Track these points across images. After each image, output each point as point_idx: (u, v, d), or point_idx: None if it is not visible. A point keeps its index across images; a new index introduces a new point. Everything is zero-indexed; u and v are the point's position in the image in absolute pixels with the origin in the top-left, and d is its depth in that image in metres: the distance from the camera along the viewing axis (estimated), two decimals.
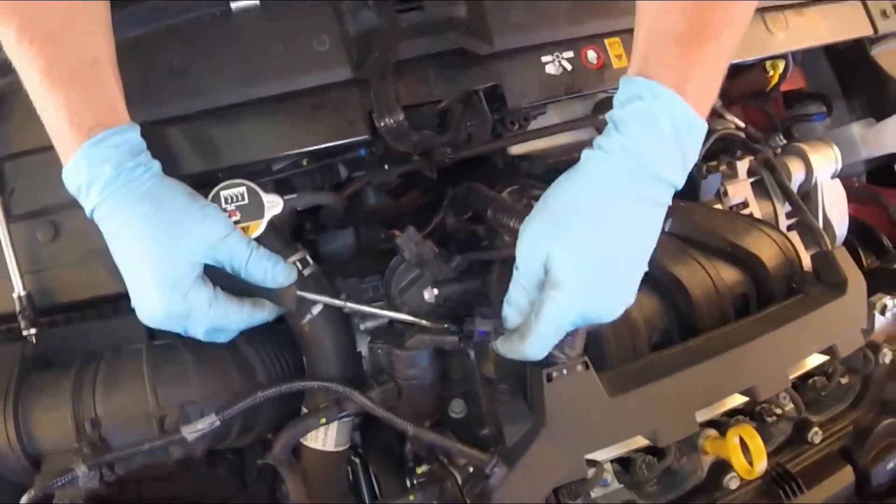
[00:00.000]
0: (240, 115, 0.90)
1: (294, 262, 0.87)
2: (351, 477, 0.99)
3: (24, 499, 0.81)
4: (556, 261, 0.74)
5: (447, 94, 0.93)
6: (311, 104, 0.90)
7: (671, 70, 0.74)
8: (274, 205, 0.86)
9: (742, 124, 1.13)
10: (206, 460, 1.00)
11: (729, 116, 1.14)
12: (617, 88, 0.77)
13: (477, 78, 0.94)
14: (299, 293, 0.85)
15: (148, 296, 0.78)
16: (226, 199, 0.86)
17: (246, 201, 0.86)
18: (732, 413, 0.95)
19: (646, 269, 0.77)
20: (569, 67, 0.96)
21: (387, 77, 0.88)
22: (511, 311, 0.81)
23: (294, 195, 0.88)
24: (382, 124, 0.86)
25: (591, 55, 0.96)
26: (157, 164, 0.80)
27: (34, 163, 0.92)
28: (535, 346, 0.78)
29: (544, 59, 0.95)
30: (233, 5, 0.90)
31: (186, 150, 0.90)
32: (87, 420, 0.87)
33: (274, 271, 0.82)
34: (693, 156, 0.76)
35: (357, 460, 0.99)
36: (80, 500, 0.82)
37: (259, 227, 0.86)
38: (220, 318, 0.81)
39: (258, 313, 0.85)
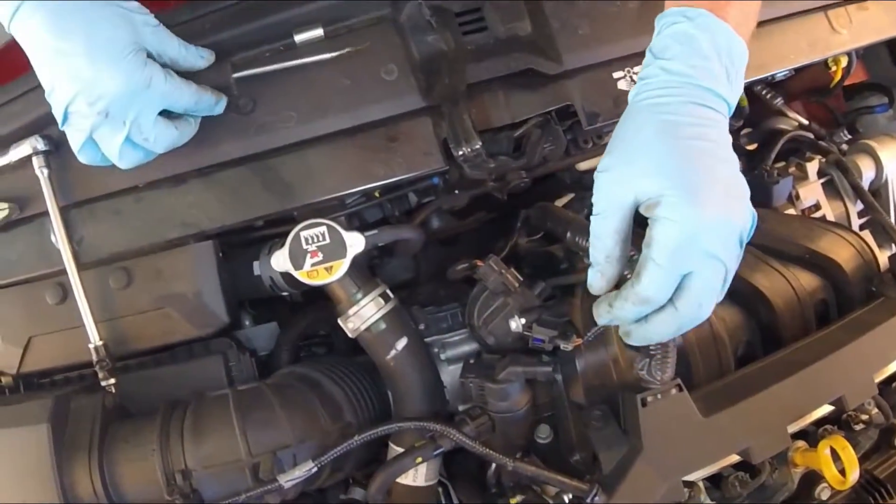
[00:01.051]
0: (311, 151, 0.90)
1: (376, 298, 0.88)
2: None
3: None
4: (641, 190, 0.70)
5: (519, 116, 0.93)
6: (385, 135, 0.90)
7: None
8: (356, 243, 0.86)
9: (805, 122, 1.14)
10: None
11: (792, 114, 1.15)
12: None
13: (549, 98, 0.94)
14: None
15: (102, 69, 0.76)
16: (306, 240, 0.86)
17: (327, 241, 0.86)
18: (820, 423, 0.96)
19: (738, 174, 0.73)
20: None
21: (459, 103, 0.88)
22: (601, 264, 0.75)
23: (374, 231, 0.89)
24: (460, 153, 0.86)
25: None
26: None
27: (100, 209, 0.92)
28: (654, 286, 0.70)
29: (615, 74, 0.95)
30: (297, 38, 0.90)
31: (258, 191, 0.90)
32: (177, 470, 0.88)
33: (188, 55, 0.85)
34: (738, 79, 0.75)
35: (440, 490, 1.01)
36: None
37: (342, 267, 0.86)
38: (175, 92, 0.82)
39: (205, 94, 0.86)
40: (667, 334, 0.75)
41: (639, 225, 0.73)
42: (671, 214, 0.68)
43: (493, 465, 0.97)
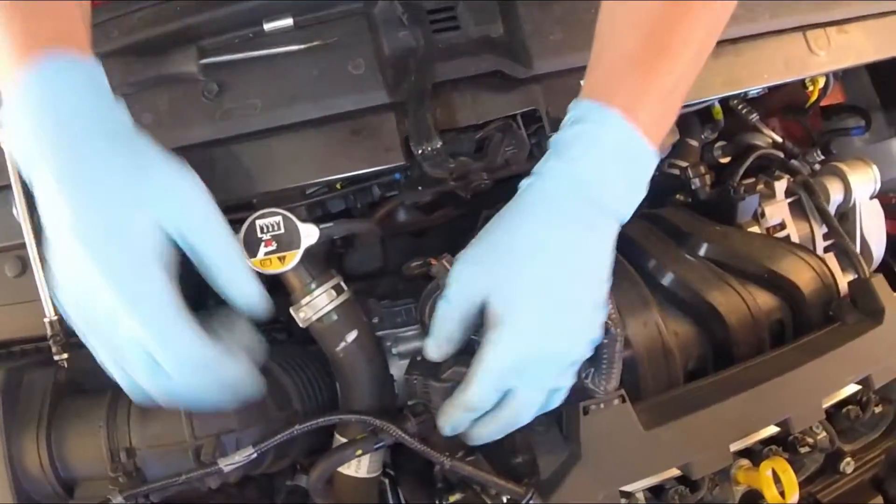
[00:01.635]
0: (275, 139, 0.92)
1: (329, 290, 0.90)
2: (380, 498, 1.02)
3: None
4: (493, 296, 0.71)
5: (484, 118, 0.94)
6: (350, 128, 0.91)
7: (621, 93, 0.71)
8: (310, 235, 0.87)
9: (779, 139, 1.15)
10: (238, 483, 1.03)
11: (766, 131, 1.16)
12: None
13: (515, 102, 0.95)
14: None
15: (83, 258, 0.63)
16: (261, 229, 0.87)
17: (282, 231, 0.87)
18: (767, 442, 0.97)
19: (601, 301, 0.73)
20: None
21: (424, 102, 0.89)
22: (440, 340, 0.76)
23: (330, 224, 0.90)
24: (420, 151, 0.88)
25: None
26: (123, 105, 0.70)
27: None
28: (477, 398, 0.73)
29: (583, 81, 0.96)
30: (266, 26, 0.91)
31: (220, 176, 0.92)
32: (121, 448, 0.90)
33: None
34: (641, 188, 0.73)
35: (386, 480, 1.02)
36: None
37: (295, 258, 0.87)
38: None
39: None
40: (489, 437, 0.78)
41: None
42: (509, 340, 0.70)
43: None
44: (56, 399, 0.93)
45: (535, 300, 0.70)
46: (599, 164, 0.70)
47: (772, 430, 0.95)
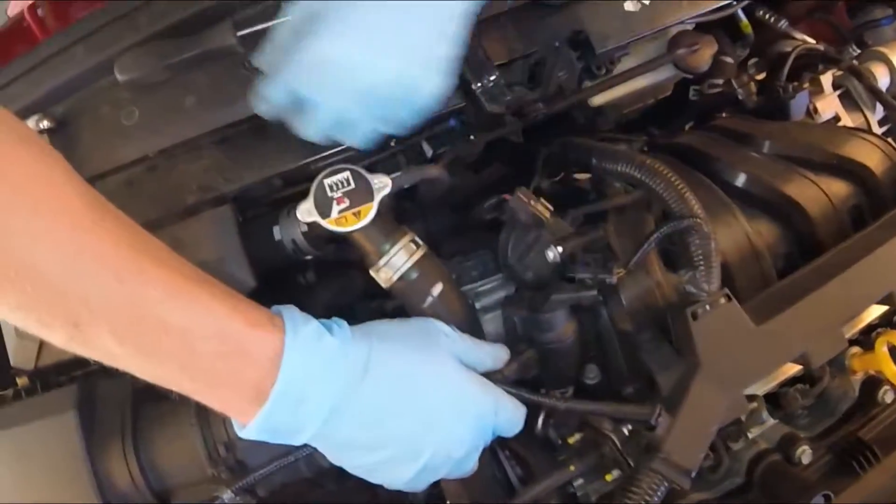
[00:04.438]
0: None
1: (406, 245, 0.91)
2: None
3: None
4: None
5: (530, 49, 0.98)
6: None
7: None
8: (383, 185, 0.90)
9: (813, 41, 1.20)
10: (336, 474, 1.03)
11: (798, 35, 1.21)
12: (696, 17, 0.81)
13: (558, 27, 0.99)
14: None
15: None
16: (331, 187, 0.89)
17: (353, 186, 0.89)
18: (871, 329, 1.00)
19: None
20: (647, 2, 1.02)
21: (471, 38, 0.92)
22: None
23: (400, 173, 0.92)
24: (479, 85, 0.91)
25: None
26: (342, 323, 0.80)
27: (112, 183, 0.95)
28: None
29: None
30: None
31: (273, 148, 0.95)
32: (219, 443, 0.90)
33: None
34: None
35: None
36: None
37: (371, 210, 0.89)
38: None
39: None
40: None
41: None
42: None
43: (542, 416, 0.99)
44: (137, 407, 0.93)
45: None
46: None
47: (876, 313, 0.99)
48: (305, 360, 0.72)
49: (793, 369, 0.95)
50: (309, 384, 0.72)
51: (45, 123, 0.93)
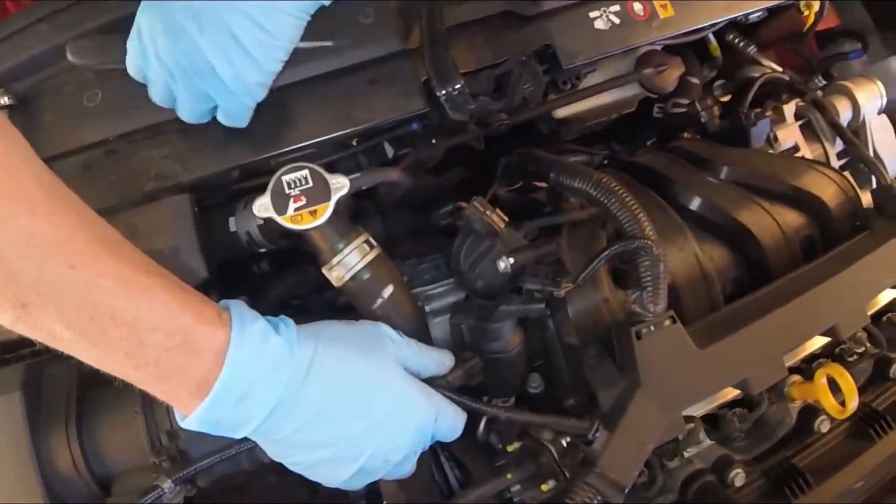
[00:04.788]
0: (291, 97, 0.95)
1: (359, 246, 0.92)
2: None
3: None
4: None
5: (499, 58, 0.99)
6: (366, 79, 0.95)
7: None
8: (340, 185, 0.90)
9: (780, 69, 1.22)
10: (277, 468, 1.04)
11: (766, 62, 1.23)
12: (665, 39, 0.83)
13: (527, 39, 1.00)
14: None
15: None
16: (289, 184, 0.89)
17: (311, 184, 0.90)
18: (812, 359, 1.03)
19: None
20: (617, 21, 1.03)
21: (440, 44, 0.93)
22: None
23: (358, 174, 0.93)
24: (443, 93, 0.92)
25: (637, 7, 1.04)
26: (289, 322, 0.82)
27: (68, 165, 0.95)
28: None
29: (592, 14, 1.02)
30: None
31: (236, 139, 0.94)
32: (162, 432, 0.91)
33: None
34: None
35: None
36: None
37: (327, 211, 0.90)
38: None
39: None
40: None
41: None
42: None
43: (483, 422, 1.00)
44: (82, 392, 0.94)
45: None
46: None
47: (818, 344, 1.01)
48: (249, 358, 0.74)
49: (733, 393, 0.97)
50: (252, 381, 0.73)
51: (5, 100, 0.93)
